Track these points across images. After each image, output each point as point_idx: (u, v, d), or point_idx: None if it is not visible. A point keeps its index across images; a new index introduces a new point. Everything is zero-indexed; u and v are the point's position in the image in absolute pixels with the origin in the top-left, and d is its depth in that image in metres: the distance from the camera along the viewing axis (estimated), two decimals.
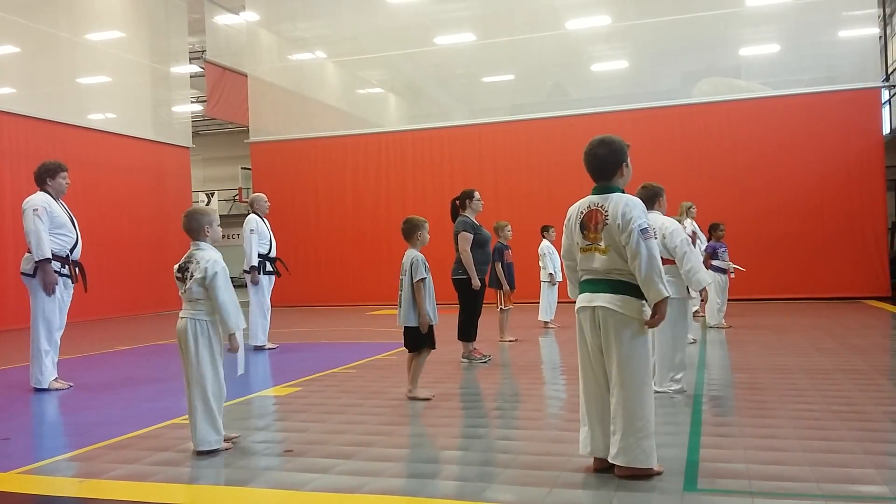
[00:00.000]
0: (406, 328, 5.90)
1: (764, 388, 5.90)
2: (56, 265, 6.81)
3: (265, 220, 9.85)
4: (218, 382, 4.43)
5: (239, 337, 4.50)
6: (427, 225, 6.05)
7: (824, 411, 5.02)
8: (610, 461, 3.70)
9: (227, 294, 4.37)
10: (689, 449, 4.19)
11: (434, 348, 5.98)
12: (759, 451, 4.09)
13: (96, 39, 16.86)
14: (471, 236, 7.77)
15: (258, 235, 9.63)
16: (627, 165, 3.86)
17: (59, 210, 6.93)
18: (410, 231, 6.01)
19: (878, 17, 16.51)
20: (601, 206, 3.78)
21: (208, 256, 4.42)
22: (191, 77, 20.25)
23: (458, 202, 8.04)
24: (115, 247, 15.81)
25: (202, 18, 19.21)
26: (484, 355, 7.89)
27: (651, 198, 5.90)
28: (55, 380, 6.97)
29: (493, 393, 6.38)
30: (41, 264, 6.72)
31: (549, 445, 4.38)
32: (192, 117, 20.77)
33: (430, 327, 5.88)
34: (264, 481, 3.88)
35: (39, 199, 6.87)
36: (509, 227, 9.65)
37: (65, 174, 7.05)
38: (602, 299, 3.72)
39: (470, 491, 3.61)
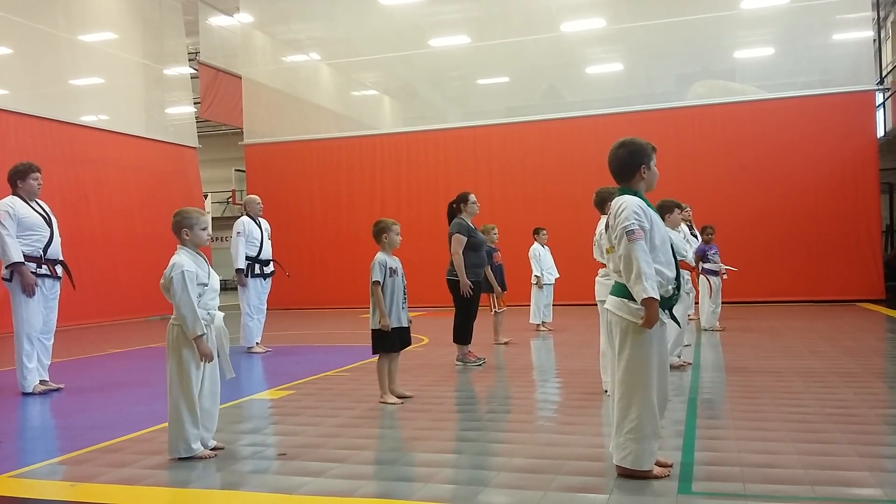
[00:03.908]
0: (371, 331, 5.92)
1: (758, 391, 5.90)
2: (31, 266, 6.75)
3: (259, 221, 9.83)
4: (186, 390, 4.32)
5: (216, 341, 4.40)
6: (397, 227, 6.07)
7: (818, 414, 5.02)
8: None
9: (182, 299, 4.26)
10: (684, 451, 4.18)
11: (394, 351, 5.95)
12: (753, 453, 4.08)
13: (97, 40, 16.87)
14: (464, 239, 7.78)
15: (246, 237, 9.63)
16: (649, 168, 3.79)
17: (28, 212, 6.81)
18: (378, 234, 6.06)
19: (872, 20, 16.55)
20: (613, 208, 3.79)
21: (173, 260, 4.34)
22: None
23: (454, 205, 8.06)
24: (123, 248, 15.77)
25: (196, 20, 19.17)
26: (478, 358, 7.88)
27: (599, 203, 5.94)
28: (40, 383, 6.92)
29: (487, 396, 6.37)
30: (15, 268, 6.67)
31: (543, 449, 4.37)
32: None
33: (402, 329, 5.88)
34: (257, 485, 3.86)
35: (4, 201, 6.78)
36: (496, 229, 9.67)
37: (36, 175, 6.93)
38: (609, 301, 3.81)
39: (464, 494, 3.60)
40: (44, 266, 6.86)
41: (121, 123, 16.96)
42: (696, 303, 10.54)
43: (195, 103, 20.47)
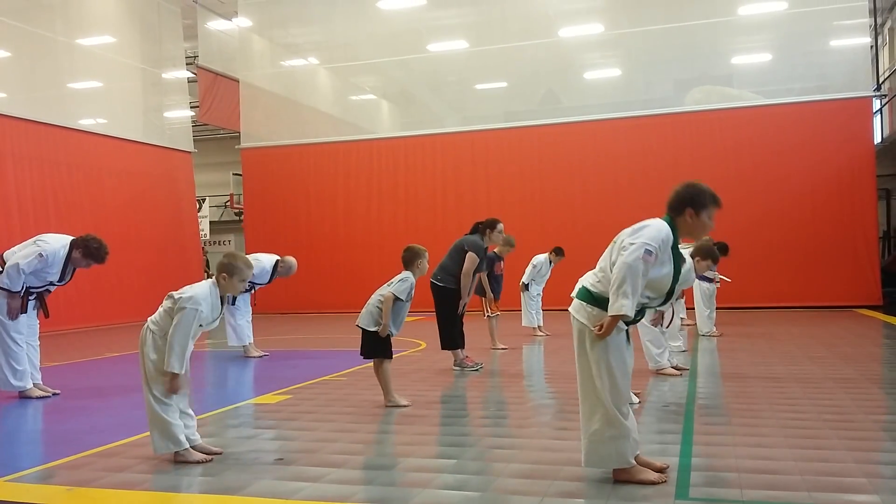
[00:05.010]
0: (364, 332, 5.91)
1: (755, 397, 5.90)
2: None
3: (275, 274, 9.52)
4: (157, 388, 4.33)
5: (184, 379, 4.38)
6: (426, 254, 6.07)
7: (815, 420, 5.02)
8: None
9: (180, 334, 4.24)
10: (681, 457, 4.18)
11: (390, 359, 5.97)
12: (750, 459, 4.08)
13: (94, 44, 16.86)
14: (478, 260, 7.82)
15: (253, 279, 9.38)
16: (696, 216, 3.72)
17: (56, 269, 6.72)
18: (411, 259, 6.03)
19: (870, 26, 16.60)
20: None
21: (194, 291, 4.32)
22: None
23: (481, 226, 8.09)
24: (117, 252, 15.71)
25: (194, 24, 19.18)
26: (476, 363, 7.88)
27: None
28: (35, 386, 6.89)
29: (483, 401, 6.36)
30: (9, 293, 6.62)
31: (540, 454, 4.37)
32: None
33: (388, 337, 5.89)
34: (255, 490, 3.85)
35: (54, 248, 6.68)
36: (513, 248, 9.69)
37: (93, 264, 6.85)
38: (572, 305, 3.86)
39: (461, 499, 3.59)
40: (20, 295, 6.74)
41: (117, 127, 16.97)
42: (690, 308, 10.55)
43: (192, 107, 20.47)
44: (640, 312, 3.79)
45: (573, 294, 3.89)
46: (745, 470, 3.89)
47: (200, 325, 4.37)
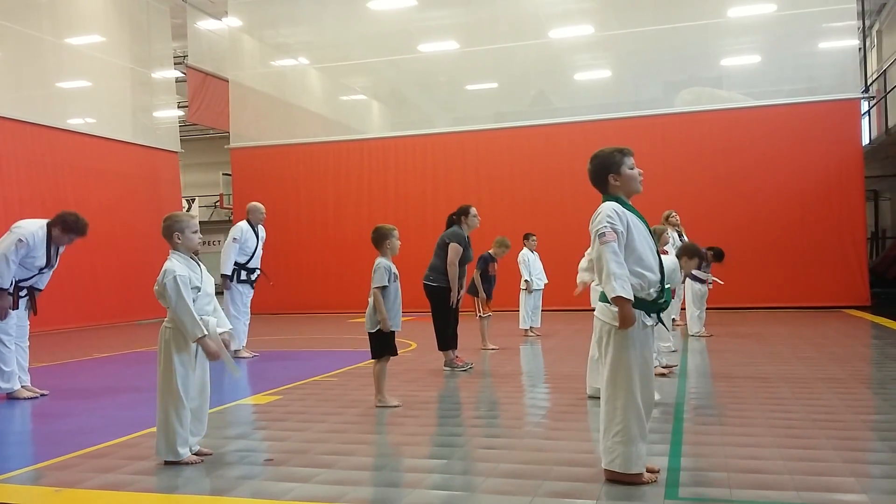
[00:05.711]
0: (369, 334, 5.93)
1: (744, 397, 5.92)
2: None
3: (258, 230, 9.70)
4: (175, 393, 4.29)
5: (216, 343, 4.37)
6: (396, 232, 6.05)
7: (804, 420, 5.05)
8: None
9: (179, 304, 4.22)
10: (671, 457, 4.19)
11: (395, 355, 6.01)
12: (739, 459, 4.10)
13: (82, 43, 16.78)
14: (461, 249, 7.78)
15: (241, 245, 9.53)
16: (619, 174, 3.84)
17: (41, 252, 6.67)
18: (379, 240, 6.01)
19: (858, 28, 16.68)
20: None
21: (165, 267, 4.31)
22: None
23: (454, 217, 8.06)
24: (103, 252, 15.64)
25: (184, 23, 19.13)
26: (466, 363, 7.88)
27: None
28: (23, 387, 6.85)
29: (474, 401, 6.37)
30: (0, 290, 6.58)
31: (531, 454, 4.37)
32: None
33: (392, 334, 5.90)
34: (244, 490, 3.84)
35: (31, 230, 6.62)
36: (508, 249, 9.73)
37: (74, 238, 6.79)
38: (597, 309, 3.90)
39: (451, 500, 3.60)
40: (9, 293, 6.67)
41: (105, 127, 16.89)
42: (683, 309, 10.58)
43: (180, 107, 20.39)
44: (662, 293, 3.81)
45: (595, 304, 3.93)
46: (733, 469, 3.91)
47: (197, 289, 4.33)
